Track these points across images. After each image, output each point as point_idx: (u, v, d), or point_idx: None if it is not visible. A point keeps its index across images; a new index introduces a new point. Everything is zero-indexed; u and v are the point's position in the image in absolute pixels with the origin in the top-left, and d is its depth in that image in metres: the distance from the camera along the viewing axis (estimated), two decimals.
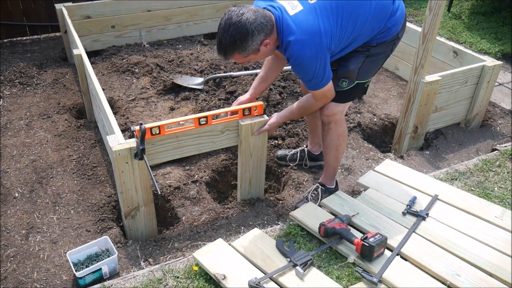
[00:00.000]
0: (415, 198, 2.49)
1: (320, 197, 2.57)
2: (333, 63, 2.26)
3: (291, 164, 2.93)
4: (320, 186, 2.61)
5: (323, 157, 2.68)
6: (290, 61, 2.11)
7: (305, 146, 2.98)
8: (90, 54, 4.09)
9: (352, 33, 2.13)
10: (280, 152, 2.95)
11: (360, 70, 2.25)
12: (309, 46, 2.01)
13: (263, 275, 2.00)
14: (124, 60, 4.02)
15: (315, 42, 2.01)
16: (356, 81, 2.28)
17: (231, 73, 3.71)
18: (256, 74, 3.34)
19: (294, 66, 2.12)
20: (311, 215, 2.38)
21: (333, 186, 2.65)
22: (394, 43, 2.30)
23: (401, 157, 3.12)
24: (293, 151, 2.93)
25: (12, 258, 2.26)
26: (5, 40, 4.62)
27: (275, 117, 2.41)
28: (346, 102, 2.38)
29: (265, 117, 2.38)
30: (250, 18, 1.96)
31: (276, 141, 3.17)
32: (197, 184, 2.80)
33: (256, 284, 1.91)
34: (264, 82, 2.55)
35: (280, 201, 2.70)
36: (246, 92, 3.47)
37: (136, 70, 3.88)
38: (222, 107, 3.36)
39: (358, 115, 3.49)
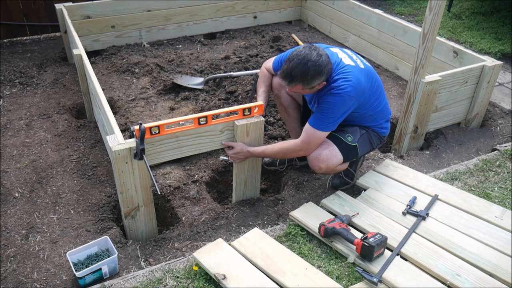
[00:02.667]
0: (415, 198, 2.49)
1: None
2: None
3: (280, 169, 2.94)
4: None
5: None
6: (329, 90, 2.28)
7: None
8: (90, 54, 4.09)
9: (369, 107, 2.42)
10: (268, 158, 2.93)
11: (361, 137, 2.49)
12: (353, 90, 2.25)
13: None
14: (124, 60, 4.02)
15: (357, 91, 2.26)
16: (356, 143, 2.46)
17: (231, 73, 3.71)
18: (256, 74, 3.33)
19: (327, 94, 2.28)
20: (311, 215, 2.39)
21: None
22: (380, 140, 2.62)
23: (401, 157, 3.12)
24: None
25: (12, 258, 2.26)
26: (5, 40, 4.62)
27: (245, 149, 2.39)
28: (346, 158, 2.47)
29: (262, 117, 2.38)
30: (325, 61, 2.21)
31: (276, 141, 3.16)
32: (197, 184, 2.80)
33: None
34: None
35: (280, 201, 2.70)
36: (246, 92, 3.48)
37: (136, 70, 3.88)
38: (222, 107, 3.36)
39: None
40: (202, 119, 2.24)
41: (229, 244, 2.21)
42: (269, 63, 2.70)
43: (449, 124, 3.38)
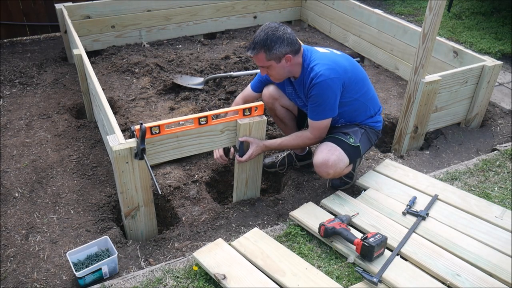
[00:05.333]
0: (415, 198, 2.49)
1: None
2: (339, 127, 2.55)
3: (280, 171, 2.94)
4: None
5: (310, 156, 2.89)
6: (311, 82, 2.30)
7: (289, 150, 2.98)
8: (90, 54, 4.10)
9: (359, 95, 2.44)
10: (268, 160, 2.94)
11: (362, 136, 2.50)
12: (330, 70, 2.28)
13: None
14: (124, 60, 4.02)
15: (337, 71, 2.29)
16: (359, 144, 2.46)
17: (231, 73, 3.71)
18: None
19: (312, 87, 2.30)
20: (311, 215, 2.39)
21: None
22: (377, 137, 2.64)
23: (401, 157, 3.12)
24: (280, 156, 2.93)
25: (12, 258, 2.26)
26: (5, 40, 4.63)
27: (262, 143, 2.42)
28: (351, 158, 2.47)
29: (264, 117, 2.38)
30: (286, 31, 2.27)
31: None
32: (197, 184, 2.80)
33: None
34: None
35: (280, 201, 2.70)
36: None
37: (136, 70, 3.88)
38: (222, 107, 3.36)
39: None
40: (202, 119, 2.24)
41: (229, 244, 2.21)
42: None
43: (449, 124, 3.38)
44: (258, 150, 2.41)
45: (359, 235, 2.21)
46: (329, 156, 2.36)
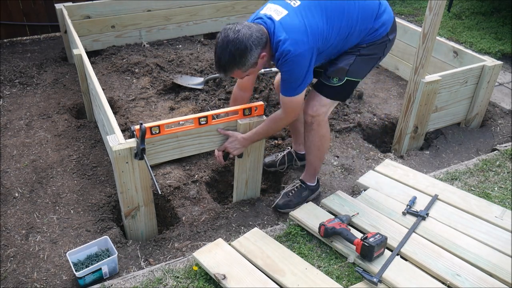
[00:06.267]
0: (415, 198, 2.49)
1: (298, 194, 2.59)
2: (325, 65, 2.33)
3: (280, 170, 2.93)
4: (300, 184, 2.62)
5: None
6: (279, 60, 2.11)
7: (289, 148, 2.97)
8: (90, 54, 4.09)
9: (340, 31, 2.17)
10: (268, 159, 2.93)
11: (351, 67, 2.28)
12: (297, 44, 2.05)
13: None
14: (124, 60, 4.02)
15: (302, 41, 2.06)
16: (346, 77, 2.29)
17: None
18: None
19: (281, 64, 2.12)
20: (311, 215, 2.39)
21: (314, 184, 2.65)
22: (385, 45, 2.33)
23: (401, 157, 3.12)
24: (280, 155, 2.92)
25: (12, 258, 2.26)
26: (5, 40, 4.62)
27: (240, 136, 2.33)
28: (334, 99, 2.37)
29: (264, 117, 2.38)
30: (246, 34, 2.01)
31: (276, 141, 3.17)
32: (197, 184, 2.80)
33: None
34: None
35: None
36: None
37: (136, 70, 3.88)
38: (222, 107, 3.36)
39: (358, 115, 3.49)
40: (202, 119, 2.24)
41: (229, 244, 2.21)
42: None
43: (449, 124, 3.38)
44: (234, 143, 2.32)
45: (359, 235, 2.21)
46: (307, 110, 2.33)
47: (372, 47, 2.29)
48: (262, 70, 3.61)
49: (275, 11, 2.13)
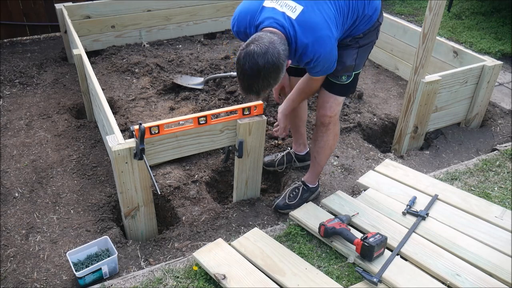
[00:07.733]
0: (415, 198, 2.49)
1: (300, 196, 2.59)
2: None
3: (279, 170, 2.93)
4: (303, 186, 2.62)
5: (309, 157, 2.77)
6: (310, 63, 2.06)
7: (289, 148, 2.97)
8: (90, 54, 4.09)
9: (349, 17, 2.12)
10: (267, 158, 2.93)
11: (356, 61, 2.27)
12: (324, 43, 1.99)
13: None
14: (124, 60, 4.02)
15: (328, 36, 2.00)
16: (354, 72, 2.30)
17: (231, 73, 3.71)
18: None
19: (313, 67, 2.08)
20: (311, 215, 2.38)
21: (315, 185, 2.66)
22: (377, 29, 2.31)
23: (401, 157, 3.11)
24: (279, 155, 2.92)
25: (12, 258, 2.26)
26: (5, 40, 4.62)
27: (281, 113, 2.46)
28: (346, 95, 2.45)
29: (264, 117, 2.38)
30: (274, 53, 1.86)
31: (276, 141, 3.17)
32: (197, 184, 2.80)
33: None
34: None
35: None
36: None
37: (136, 70, 3.88)
38: (222, 107, 3.36)
39: (358, 115, 3.49)
40: (201, 118, 2.24)
41: (229, 244, 2.21)
42: None
43: (449, 124, 3.38)
44: (282, 119, 2.46)
45: (359, 235, 2.21)
46: (325, 112, 2.36)
47: (368, 34, 2.26)
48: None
49: (287, 7, 2.00)
